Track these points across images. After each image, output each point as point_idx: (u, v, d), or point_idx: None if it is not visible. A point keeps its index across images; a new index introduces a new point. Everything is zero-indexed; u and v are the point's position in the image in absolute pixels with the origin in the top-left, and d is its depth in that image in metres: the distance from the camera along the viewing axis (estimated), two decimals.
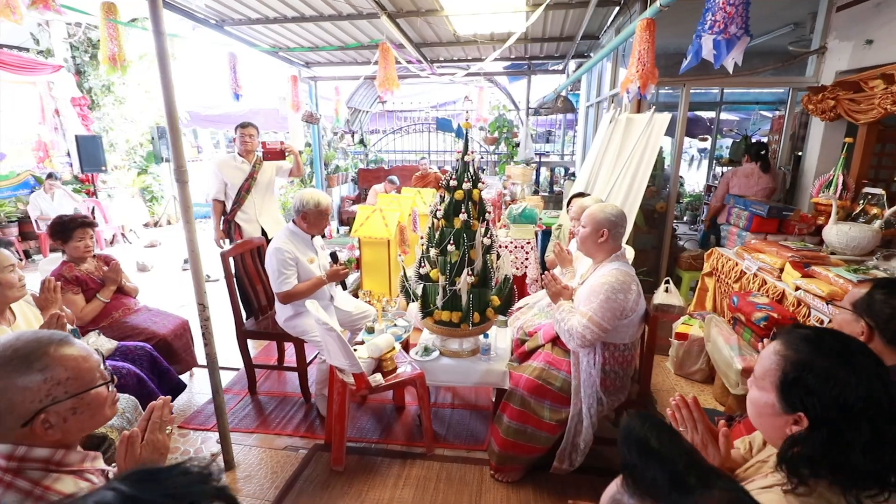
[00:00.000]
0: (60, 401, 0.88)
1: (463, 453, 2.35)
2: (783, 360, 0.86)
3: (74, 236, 2.63)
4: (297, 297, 2.53)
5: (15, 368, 0.85)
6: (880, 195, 2.97)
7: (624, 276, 1.97)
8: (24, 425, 0.85)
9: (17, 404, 0.85)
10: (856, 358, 0.82)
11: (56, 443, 0.90)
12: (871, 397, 0.78)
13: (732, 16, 1.81)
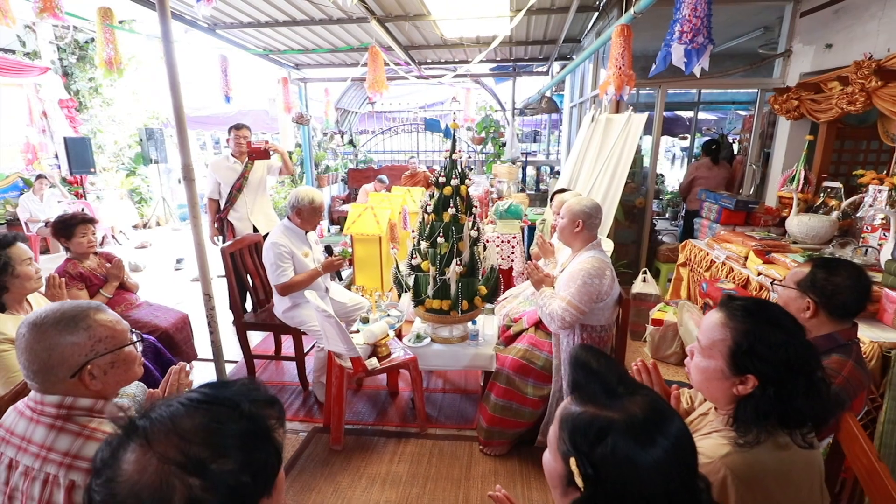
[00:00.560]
0: (101, 355, 1.04)
1: (454, 432, 2.51)
2: (732, 331, 0.99)
3: (77, 233, 2.73)
4: (294, 289, 2.66)
5: (65, 327, 1.01)
6: (838, 188, 3.20)
7: (599, 262, 2.15)
8: (73, 376, 1.00)
9: (67, 357, 1.00)
10: (786, 323, 0.99)
11: (97, 394, 1.04)
12: (803, 354, 0.96)
13: (699, 26, 2.00)
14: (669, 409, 0.70)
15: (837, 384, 1.34)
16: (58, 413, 1.00)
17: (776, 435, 0.93)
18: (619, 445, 0.65)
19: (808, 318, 1.48)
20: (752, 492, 0.88)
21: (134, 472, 0.53)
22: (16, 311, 1.81)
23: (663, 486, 0.63)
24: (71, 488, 0.94)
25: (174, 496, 0.52)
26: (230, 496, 0.55)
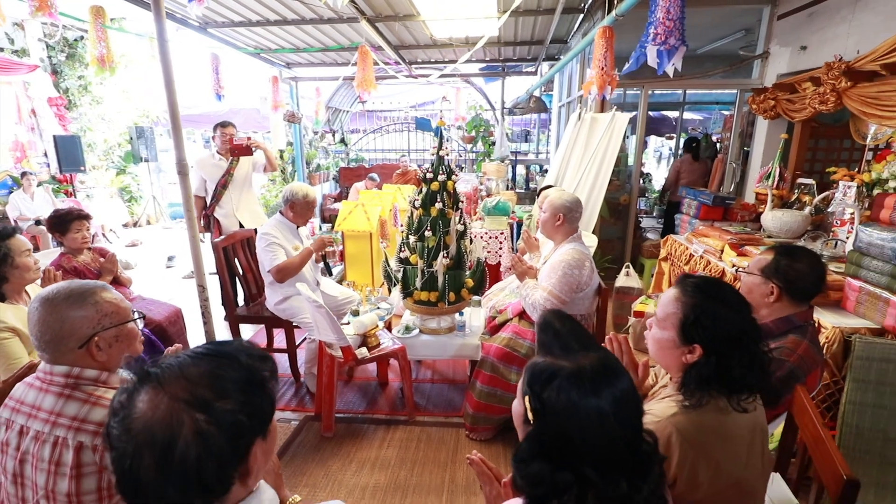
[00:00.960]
0: (107, 328, 1.12)
1: (441, 419, 2.60)
2: (683, 306, 1.10)
3: (72, 228, 2.78)
4: (289, 271, 2.68)
5: (74, 302, 1.10)
6: (811, 185, 3.34)
7: (579, 254, 2.25)
8: (81, 347, 1.09)
9: (76, 329, 1.09)
10: (734, 300, 1.09)
11: (102, 365, 1.13)
12: (744, 329, 1.06)
13: (671, 28, 2.10)
14: (620, 370, 0.79)
15: (792, 362, 1.44)
16: (66, 382, 1.08)
17: (718, 399, 1.02)
18: (564, 388, 0.74)
19: (772, 302, 1.58)
20: (695, 448, 0.98)
21: (147, 410, 0.61)
22: (15, 302, 1.86)
23: (604, 436, 0.72)
24: (79, 449, 1.02)
25: (182, 429, 0.60)
26: (230, 431, 0.63)
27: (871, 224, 2.11)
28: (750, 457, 1.04)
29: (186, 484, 0.60)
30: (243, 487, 0.67)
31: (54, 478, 1.02)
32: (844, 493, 1.01)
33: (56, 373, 1.08)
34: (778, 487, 1.32)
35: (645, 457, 0.75)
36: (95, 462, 1.03)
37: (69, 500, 1.02)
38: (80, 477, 1.02)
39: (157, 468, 0.59)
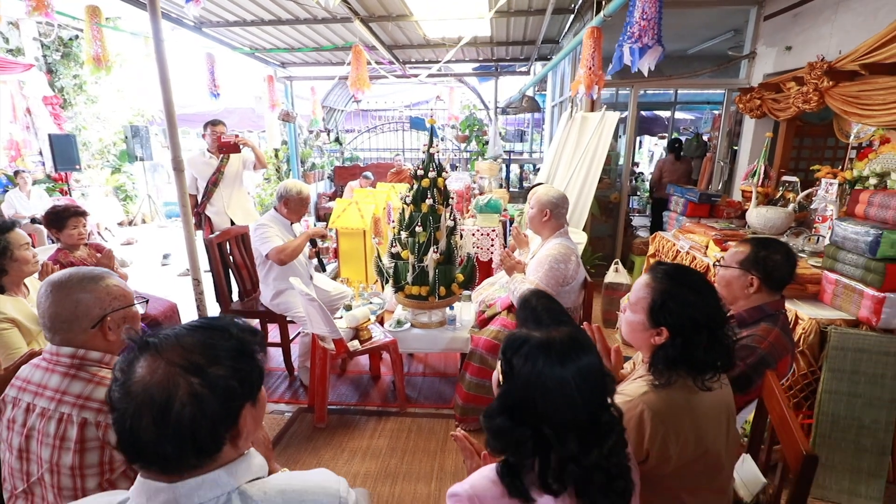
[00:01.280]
0: (116, 310, 1.19)
1: (432, 411, 2.66)
2: (652, 291, 1.17)
3: (69, 224, 2.81)
4: (288, 254, 2.69)
5: (87, 284, 1.17)
6: (795, 182, 3.41)
7: (565, 249, 2.31)
8: (94, 327, 1.15)
9: (90, 309, 1.15)
10: (700, 287, 1.16)
11: (107, 347, 1.18)
12: (709, 314, 1.12)
13: (645, 28, 2.16)
14: (586, 345, 0.85)
15: (763, 349, 1.50)
16: (71, 363, 1.14)
17: (685, 379, 1.09)
18: (531, 354, 0.81)
19: (752, 293, 1.64)
20: (664, 424, 1.04)
21: (146, 374, 0.66)
22: (14, 294, 1.90)
23: (562, 401, 0.78)
24: (83, 425, 1.07)
25: (178, 391, 0.66)
26: (222, 395, 0.69)
27: (846, 219, 2.18)
28: (717, 432, 1.10)
29: (182, 442, 0.66)
30: (234, 449, 0.72)
31: (59, 452, 1.07)
32: (804, 469, 1.07)
33: (62, 354, 1.13)
34: (748, 468, 1.38)
35: (604, 426, 0.81)
36: (98, 438, 1.08)
37: (72, 473, 1.07)
38: (84, 451, 1.07)
39: (155, 427, 0.65)
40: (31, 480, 1.11)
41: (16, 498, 1.15)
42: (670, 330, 1.10)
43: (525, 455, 0.80)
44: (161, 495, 0.67)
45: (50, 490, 1.09)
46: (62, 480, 1.08)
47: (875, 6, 2.98)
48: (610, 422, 0.82)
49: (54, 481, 1.08)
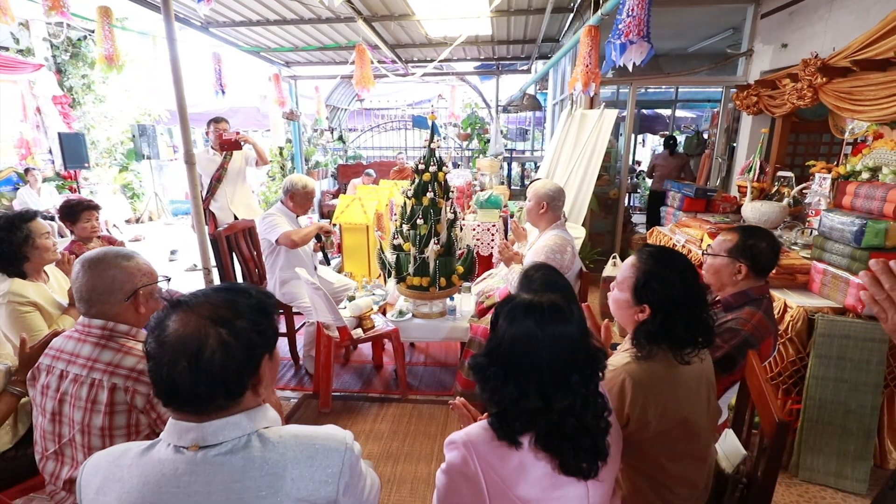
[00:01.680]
0: (146, 285, 1.30)
1: (432, 397, 2.74)
2: (636, 271, 1.25)
3: (82, 217, 2.91)
4: (297, 239, 2.80)
5: (120, 262, 1.27)
6: (790, 177, 3.47)
7: (561, 240, 2.38)
8: (127, 299, 1.26)
9: (124, 283, 1.26)
10: (681, 268, 1.23)
11: (135, 320, 1.28)
12: (688, 293, 1.20)
13: (630, 25, 2.23)
14: (566, 316, 0.93)
15: (747, 331, 1.58)
16: (102, 334, 1.24)
17: (666, 352, 1.17)
18: (514, 310, 0.90)
19: (740, 280, 1.72)
20: (644, 391, 1.12)
21: (180, 326, 0.76)
22: (35, 280, 2.00)
23: (531, 359, 0.87)
24: (113, 390, 1.17)
25: (209, 339, 0.75)
26: (245, 344, 0.78)
27: (833, 210, 2.25)
28: (696, 402, 1.18)
29: (213, 383, 0.75)
30: (254, 397, 0.82)
31: (90, 414, 1.16)
32: (777, 434, 1.15)
33: (94, 325, 1.24)
34: (731, 442, 1.46)
35: (573, 385, 0.88)
36: (126, 402, 1.17)
37: (102, 434, 1.16)
38: (113, 413, 1.17)
39: (190, 370, 0.74)
40: (62, 441, 1.21)
41: (47, 459, 1.24)
42: (652, 307, 1.17)
43: (499, 397, 0.89)
44: (191, 433, 0.76)
45: (80, 450, 1.18)
46: (92, 441, 1.17)
47: (867, 4, 3.04)
48: (579, 382, 0.89)
49: (85, 441, 1.17)
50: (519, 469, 0.87)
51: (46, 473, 1.26)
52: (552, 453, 0.87)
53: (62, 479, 1.22)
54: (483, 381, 0.93)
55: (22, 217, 1.96)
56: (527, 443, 0.88)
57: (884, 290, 0.78)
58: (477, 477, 0.87)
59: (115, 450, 0.81)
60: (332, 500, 0.80)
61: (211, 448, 0.75)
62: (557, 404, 0.86)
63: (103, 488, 0.76)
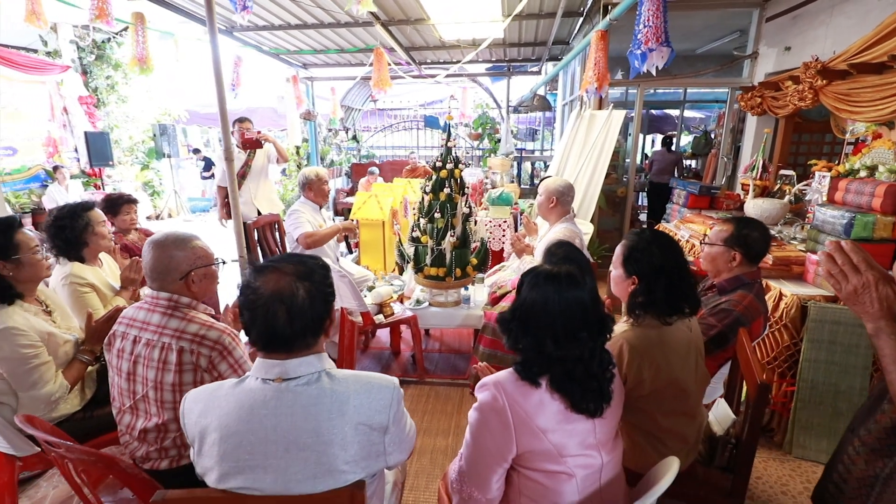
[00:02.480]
0: (199, 267, 1.48)
1: (448, 381, 2.92)
2: (624, 247, 1.46)
3: (122, 210, 3.13)
4: (315, 240, 2.99)
5: (179, 244, 1.45)
6: (792, 176, 3.61)
7: (570, 232, 2.55)
8: (181, 279, 1.44)
9: (180, 263, 1.44)
10: (663, 243, 1.41)
11: (193, 296, 1.47)
12: (665, 263, 1.37)
13: (648, 34, 2.39)
14: (581, 282, 1.10)
15: (738, 311, 1.74)
16: (168, 304, 1.43)
17: (654, 319, 1.35)
18: (536, 278, 1.08)
19: (735, 266, 1.88)
20: (639, 354, 1.30)
21: (272, 282, 0.95)
22: (91, 264, 2.21)
23: (545, 315, 1.05)
24: (180, 352, 1.36)
25: (299, 290, 0.95)
26: (322, 295, 1.00)
27: (826, 204, 2.39)
28: (685, 364, 1.35)
29: (304, 324, 0.96)
30: (325, 338, 1.02)
31: (162, 373, 1.36)
32: (759, 395, 1.31)
33: (161, 297, 1.42)
34: (722, 409, 1.62)
35: (581, 339, 1.06)
36: (192, 362, 1.36)
37: (173, 389, 1.35)
38: (182, 372, 1.36)
39: (287, 313, 0.94)
40: (136, 398, 1.41)
41: (123, 412, 1.44)
42: (638, 276, 1.37)
43: (520, 345, 1.07)
44: (276, 369, 0.96)
45: (153, 404, 1.38)
46: (164, 395, 1.36)
47: (865, 9, 3.17)
48: (586, 337, 1.07)
49: (157, 396, 1.37)
50: (538, 404, 1.04)
51: (122, 425, 1.46)
52: (563, 394, 1.04)
53: (137, 430, 1.42)
54: (507, 333, 1.11)
55: (83, 206, 2.17)
56: (544, 384, 1.05)
57: (837, 265, 0.95)
58: (504, 410, 1.04)
59: (208, 386, 1.00)
60: (384, 426, 0.99)
61: (291, 380, 0.94)
62: (569, 353, 1.04)
63: (205, 413, 0.96)
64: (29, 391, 1.62)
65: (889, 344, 0.89)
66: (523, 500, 1.10)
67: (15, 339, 1.58)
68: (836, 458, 1.11)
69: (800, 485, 2.10)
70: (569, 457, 1.05)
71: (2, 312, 1.61)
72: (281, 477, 0.91)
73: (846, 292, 0.95)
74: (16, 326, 1.59)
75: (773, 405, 2.44)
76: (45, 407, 1.66)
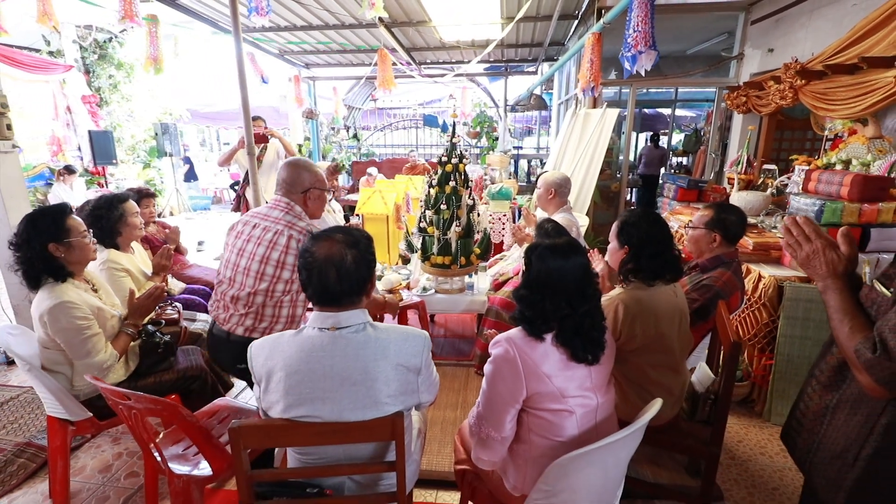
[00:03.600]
0: (315, 188, 1.92)
1: (453, 362, 3.12)
2: (619, 222, 1.71)
3: (142, 204, 3.28)
4: None
5: (308, 167, 1.93)
6: (774, 170, 3.84)
7: (567, 221, 2.76)
8: (302, 192, 1.88)
9: (304, 181, 1.88)
10: (652, 219, 1.63)
11: (305, 209, 1.90)
12: (651, 234, 1.60)
13: (637, 38, 2.61)
14: (581, 250, 1.30)
15: (718, 286, 1.95)
16: (286, 207, 1.86)
17: (643, 282, 1.57)
18: (541, 251, 1.27)
19: (716, 247, 2.09)
20: (631, 312, 1.52)
21: (326, 248, 1.14)
22: (125, 251, 2.39)
23: (557, 280, 1.24)
24: (290, 238, 1.78)
25: (347, 255, 1.14)
26: (366, 261, 1.18)
27: (800, 193, 2.61)
28: (670, 323, 1.58)
29: (351, 285, 1.15)
30: (366, 299, 1.21)
31: (270, 250, 1.76)
32: (731, 352, 1.52)
33: (282, 200, 1.87)
34: (703, 371, 1.83)
35: (587, 296, 1.26)
36: (297, 248, 1.74)
37: (276, 265, 1.75)
38: (287, 253, 1.76)
39: (338, 275, 1.13)
40: (237, 270, 1.79)
41: (221, 282, 1.84)
42: (629, 245, 1.61)
43: (538, 312, 1.24)
44: (329, 319, 1.15)
45: (251, 276, 1.76)
46: (266, 269, 1.75)
47: (841, 14, 3.40)
48: (591, 294, 1.27)
49: (260, 269, 1.75)
50: (543, 354, 1.24)
51: (218, 293, 1.89)
52: (566, 346, 1.24)
53: (228, 297, 1.83)
54: (527, 305, 1.26)
55: (118, 198, 2.35)
56: (548, 338, 1.25)
57: (793, 235, 1.16)
58: (515, 360, 1.23)
59: (271, 337, 1.19)
60: (418, 368, 1.19)
61: (342, 329, 1.14)
62: (580, 309, 1.23)
63: (270, 356, 1.15)
64: (84, 359, 1.79)
65: (834, 297, 1.09)
66: (532, 436, 1.30)
67: (71, 311, 1.75)
68: (798, 398, 1.32)
69: (776, 446, 2.32)
70: (569, 397, 1.25)
71: (57, 289, 1.78)
72: (336, 407, 1.10)
73: (801, 258, 1.15)
74: (71, 300, 1.76)
75: (753, 378, 2.65)
76: (98, 374, 1.83)
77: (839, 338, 1.06)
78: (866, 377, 0.96)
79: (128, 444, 2.34)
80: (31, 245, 1.76)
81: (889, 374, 0.92)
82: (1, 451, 2.27)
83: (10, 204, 2.80)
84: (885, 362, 0.92)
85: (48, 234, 1.78)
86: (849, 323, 1.03)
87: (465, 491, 1.58)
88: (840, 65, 2.98)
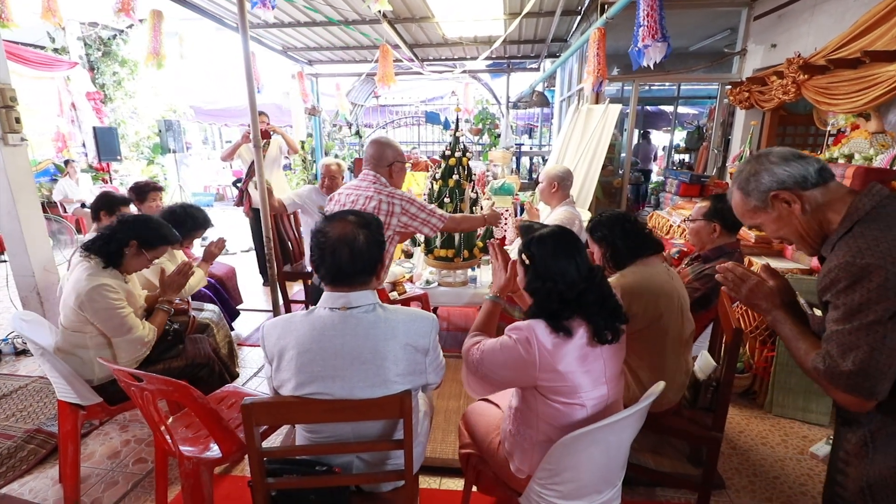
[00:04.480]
0: (399, 161, 2.26)
1: (456, 354, 3.14)
2: (588, 231, 1.79)
3: (149, 197, 3.33)
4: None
5: (390, 145, 2.27)
6: None
7: (570, 214, 2.78)
8: (387, 166, 2.22)
9: (388, 156, 2.22)
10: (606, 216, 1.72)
11: (390, 180, 2.23)
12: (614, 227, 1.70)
13: (644, 32, 2.62)
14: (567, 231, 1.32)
15: None
16: (375, 178, 2.20)
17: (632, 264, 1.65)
18: (535, 238, 1.28)
19: (716, 237, 2.11)
20: (631, 294, 1.57)
21: (338, 229, 1.16)
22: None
23: (567, 257, 1.26)
24: (380, 201, 2.11)
25: (359, 235, 1.17)
26: (376, 241, 1.21)
27: None
28: (669, 305, 1.61)
29: (363, 263, 1.18)
30: (376, 280, 1.23)
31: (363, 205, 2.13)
32: (734, 338, 1.54)
33: (370, 174, 2.20)
34: (706, 359, 1.85)
35: (596, 270, 1.28)
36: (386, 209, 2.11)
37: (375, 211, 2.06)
38: (378, 212, 2.07)
39: (350, 254, 1.16)
40: None
41: None
42: (604, 241, 1.73)
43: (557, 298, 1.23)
44: (341, 300, 1.17)
45: None
46: None
47: (843, 9, 3.41)
48: (599, 276, 1.28)
49: None
50: (563, 354, 1.20)
51: None
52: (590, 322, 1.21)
53: None
54: (544, 296, 1.25)
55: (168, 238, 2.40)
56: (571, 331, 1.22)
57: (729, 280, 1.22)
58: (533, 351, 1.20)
59: (283, 316, 1.22)
60: (426, 349, 1.21)
61: (353, 309, 1.17)
62: (595, 278, 1.24)
63: (283, 336, 1.17)
64: (126, 336, 1.89)
65: (783, 327, 1.13)
66: (541, 423, 1.31)
67: (107, 293, 1.85)
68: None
69: (777, 437, 2.34)
70: (583, 393, 1.25)
71: (99, 273, 1.88)
72: (347, 384, 1.13)
73: (743, 298, 1.20)
74: (107, 283, 1.87)
75: (754, 370, 2.67)
76: (141, 347, 1.94)
77: (799, 361, 1.08)
78: (833, 391, 0.98)
79: (136, 431, 2.37)
80: (125, 230, 1.93)
81: (846, 379, 0.93)
82: (11, 437, 2.30)
83: (20, 196, 2.83)
84: (835, 368, 0.94)
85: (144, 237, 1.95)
86: (802, 346, 1.06)
87: (469, 474, 1.60)
88: (843, 59, 2.99)
